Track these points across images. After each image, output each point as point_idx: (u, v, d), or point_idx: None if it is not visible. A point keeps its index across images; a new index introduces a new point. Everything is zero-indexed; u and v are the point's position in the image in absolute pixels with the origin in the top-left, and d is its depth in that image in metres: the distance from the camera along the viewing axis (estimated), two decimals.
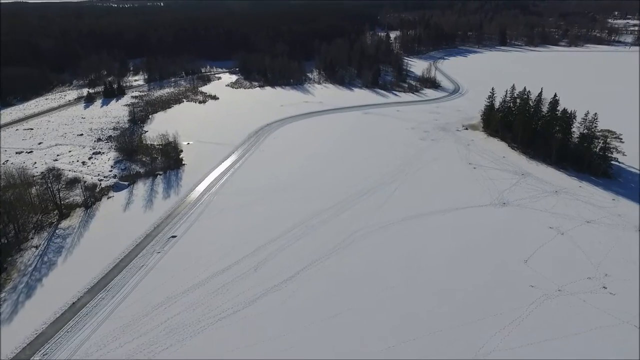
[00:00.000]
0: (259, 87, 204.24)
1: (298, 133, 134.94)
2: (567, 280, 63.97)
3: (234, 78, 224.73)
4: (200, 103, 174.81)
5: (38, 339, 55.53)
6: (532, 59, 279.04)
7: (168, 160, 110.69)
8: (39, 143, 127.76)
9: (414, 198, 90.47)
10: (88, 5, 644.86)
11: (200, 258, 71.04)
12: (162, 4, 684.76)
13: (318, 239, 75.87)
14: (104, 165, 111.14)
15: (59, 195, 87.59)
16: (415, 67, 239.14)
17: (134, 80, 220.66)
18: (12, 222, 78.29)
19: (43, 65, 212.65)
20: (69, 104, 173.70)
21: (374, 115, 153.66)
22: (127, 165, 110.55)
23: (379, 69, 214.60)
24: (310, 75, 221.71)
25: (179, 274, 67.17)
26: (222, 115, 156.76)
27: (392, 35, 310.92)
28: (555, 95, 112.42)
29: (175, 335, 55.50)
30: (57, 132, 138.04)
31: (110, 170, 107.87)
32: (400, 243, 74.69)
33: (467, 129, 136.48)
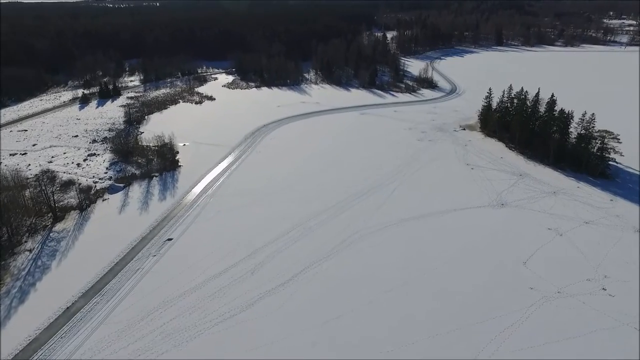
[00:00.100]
0: (256, 87, 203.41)
1: (295, 134, 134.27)
2: (566, 282, 63.63)
3: (231, 78, 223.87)
4: (197, 104, 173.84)
5: (31, 345, 54.56)
6: (528, 59, 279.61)
7: (164, 162, 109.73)
8: (33, 145, 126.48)
9: (412, 199, 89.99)
10: (84, 6, 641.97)
11: (197, 261, 70.22)
12: (158, 4, 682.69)
13: (316, 241, 75.24)
14: (99, 167, 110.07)
15: (53, 198, 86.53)
16: (412, 67, 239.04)
17: (130, 81, 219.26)
18: (5, 225, 77.15)
19: (38, 66, 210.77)
20: (64, 105, 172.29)
21: (371, 116, 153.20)
22: (122, 167, 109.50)
23: (376, 69, 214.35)
24: (307, 76, 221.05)
25: (175, 278, 66.35)
26: (218, 116, 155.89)
27: (388, 36, 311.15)
28: (553, 96, 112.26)
29: (171, 340, 54.69)
30: (51, 133, 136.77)
31: (106, 172, 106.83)
32: (399, 245, 74.17)
33: (464, 130, 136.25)
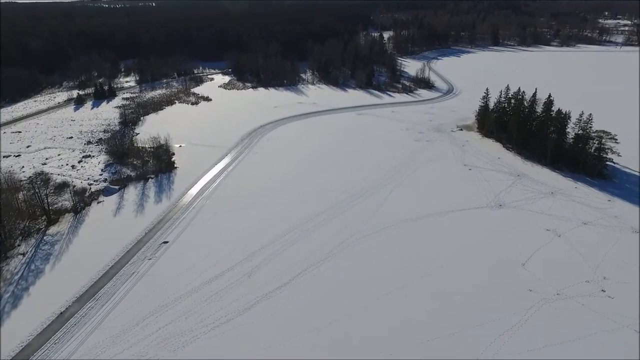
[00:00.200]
0: (252, 88, 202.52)
1: (292, 135, 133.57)
2: (565, 284, 63.27)
3: (227, 79, 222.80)
4: (193, 104, 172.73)
5: (24, 351, 53.60)
6: (524, 59, 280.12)
7: (160, 164, 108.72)
8: (27, 146, 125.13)
9: (410, 200, 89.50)
10: (79, 6, 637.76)
11: (193, 264, 69.40)
12: (154, 4, 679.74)
13: (313, 243, 74.57)
14: (94, 169, 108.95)
15: (47, 201, 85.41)
16: (409, 67, 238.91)
17: (125, 82, 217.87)
18: None
19: (32, 67, 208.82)
20: (59, 106, 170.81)
21: (369, 116, 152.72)
22: (117, 169, 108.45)
23: (373, 70, 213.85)
24: (304, 76, 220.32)
25: (171, 281, 65.51)
26: (214, 117, 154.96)
27: (385, 36, 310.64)
28: (550, 96, 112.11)
29: (167, 346, 53.89)
30: (46, 135, 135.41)
31: (101, 174, 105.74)
32: (397, 246, 73.62)
33: (461, 130, 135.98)
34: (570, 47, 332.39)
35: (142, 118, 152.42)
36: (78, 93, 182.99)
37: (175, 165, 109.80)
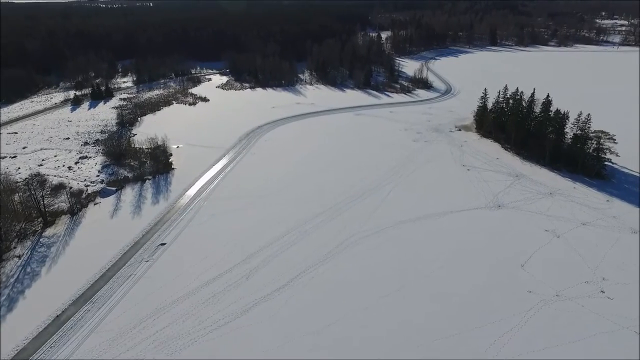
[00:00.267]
0: (250, 88, 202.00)
1: (290, 135, 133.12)
2: (564, 285, 63.05)
3: (225, 79, 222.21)
4: (190, 105, 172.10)
5: (19, 355, 53.04)
6: (522, 59, 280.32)
7: (157, 165, 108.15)
8: (24, 147, 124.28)
9: (409, 201, 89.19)
10: (76, 6, 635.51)
11: (191, 266, 68.91)
12: (151, 4, 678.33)
13: (311, 245, 74.17)
14: (91, 170, 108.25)
15: (43, 202, 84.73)
16: (407, 67, 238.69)
17: (123, 82, 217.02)
18: None
19: (28, 67, 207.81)
20: (55, 107, 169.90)
21: (367, 117, 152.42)
22: (114, 170, 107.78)
23: (371, 70, 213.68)
24: (302, 76, 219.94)
25: (169, 284, 65.02)
26: (212, 118, 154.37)
27: (383, 36, 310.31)
28: (548, 96, 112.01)
29: (165, 349, 53.40)
30: (42, 136, 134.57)
31: (97, 175, 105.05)
32: (396, 248, 73.28)
33: (460, 130, 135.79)
34: (568, 47, 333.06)
35: (139, 119, 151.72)
36: (75, 93, 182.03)
37: (173, 167, 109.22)
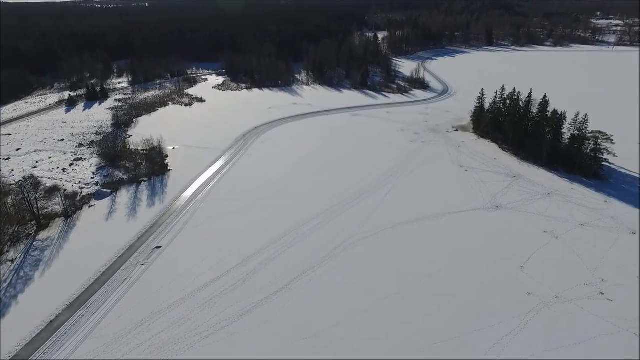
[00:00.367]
0: (247, 89, 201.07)
1: (287, 136, 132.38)
2: (563, 287, 62.67)
3: (221, 80, 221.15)
4: (186, 106, 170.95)
5: None
6: (519, 59, 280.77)
7: (153, 166, 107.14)
8: (17, 149, 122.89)
9: (407, 202, 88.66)
10: (71, 6, 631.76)
11: (187, 270, 68.08)
12: (147, 4, 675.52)
13: (309, 247, 73.48)
14: (86, 172, 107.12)
15: (37, 205, 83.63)
16: (404, 67, 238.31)
17: (118, 83, 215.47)
18: None
19: (23, 68, 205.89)
20: (50, 108, 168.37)
21: (364, 117, 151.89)
22: (109, 172, 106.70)
23: (368, 70, 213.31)
24: (299, 77, 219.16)
25: (164, 288, 64.16)
26: (208, 119, 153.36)
27: (379, 36, 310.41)
28: (545, 96, 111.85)
29: (160, 354, 52.55)
30: (36, 137, 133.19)
31: (92, 177, 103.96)
32: (394, 249, 72.71)
33: (457, 131, 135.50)
34: (564, 47, 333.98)
35: (134, 120, 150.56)
36: (69, 94, 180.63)
37: (169, 168, 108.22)
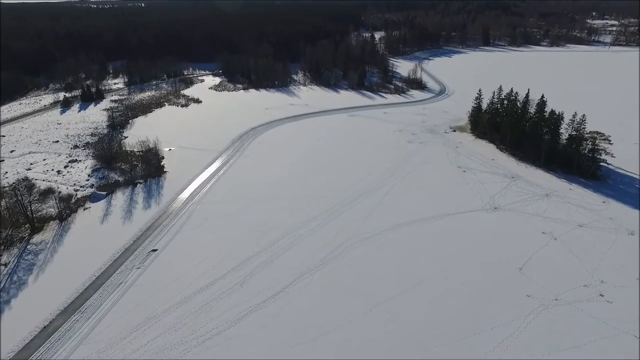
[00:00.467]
0: (243, 89, 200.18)
1: (284, 137, 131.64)
2: (563, 289, 62.28)
3: (218, 80, 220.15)
4: (183, 107, 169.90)
5: None
6: (515, 59, 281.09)
7: (149, 168, 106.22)
8: (11, 151, 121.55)
9: (404, 204, 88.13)
10: (66, 7, 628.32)
11: (183, 273, 67.26)
12: (143, 4, 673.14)
13: (306, 250, 72.81)
14: (81, 174, 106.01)
15: (31, 208, 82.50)
16: (401, 67, 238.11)
17: (114, 84, 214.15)
18: None
19: (17, 68, 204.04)
20: (45, 109, 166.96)
21: (361, 118, 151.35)
22: (105, 174, 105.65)
23: (365, 70, 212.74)
24: (296, 77, 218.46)
25: (160, 292, 63.33)
26: (205, 119, 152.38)
27: (376, 36, 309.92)
28: (543, 97, 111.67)
29: None
30: (30, 139, 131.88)
31: (87, 179, 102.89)
32: (392, 252, 72.14)
33: (454, 131, 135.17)
34: (560, 47, 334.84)
35: (130, 121, 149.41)
36: (65, 95, 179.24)
37: (165, 170, 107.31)
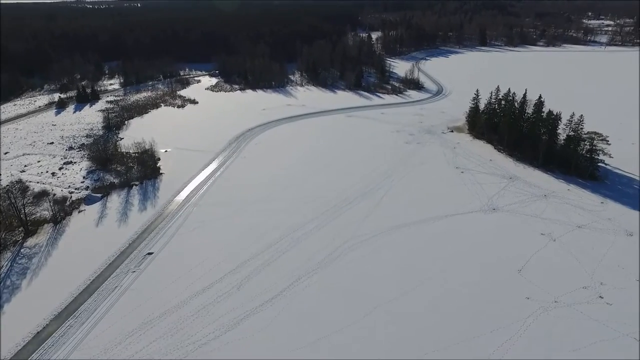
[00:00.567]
0: (240, 90, 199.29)
1: (281, 138, 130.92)
2: (562, 291, 61.90)
3: (214, 81, 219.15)
4: (179, 107, 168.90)
5: None
6: (512, 59, 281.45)
7: (144, 170, 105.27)
8: (5, 153, 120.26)
9: (403, 205, 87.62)
10: (61, 7, 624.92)
11: (179, 277, 66.44)
12: (139, 5, 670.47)
13: (304, 253, 72.14)
14: (76, 176, 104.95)
15: (25, 211, 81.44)
16: (398, 68, 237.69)
17: (109, 84, 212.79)
18: None
19: (12, 69, 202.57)
20: (39, 110, 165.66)
21: (358, 118, 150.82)
22: (100, 176, 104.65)
23: (362, 71, 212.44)
24: (292, 78, 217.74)
25: (156, 296, 62.53)
26: (201, 120, 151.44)
27: (373, 36, 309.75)
28: (540, 97, 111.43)
29: None
30: (25, 140, 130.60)
31: (82, 182, 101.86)
32: (391, 254, 71.58)
33: (452, 132, 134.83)
34: (556, 47, 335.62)
35: (126, 122, 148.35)
36: (60, 96, 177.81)
37: (161, 171, 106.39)
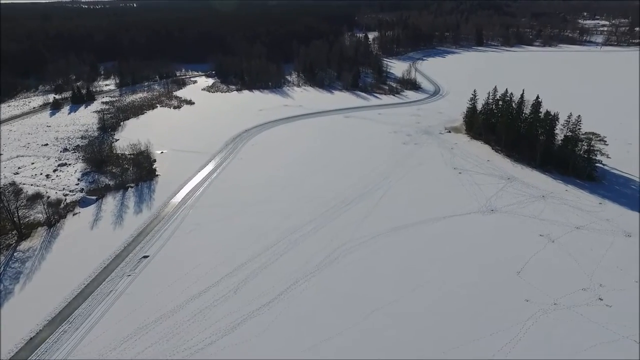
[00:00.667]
0: (237, 90, 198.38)
1: (278, 139, 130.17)
2: (562, 293, 61.52)
3: (211, 81, 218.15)
4: (175, 108, 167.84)
5: None
6: (509, 59, 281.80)
7: (140, 171, 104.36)
8: None
9: (401, 207, 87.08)
10: (56, 7, 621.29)
11: (175, 280, 65.61)
12: (135, 5, 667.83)
13: (302, 255, 71.47)
14: (70, 178, 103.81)
15: (18, 214, 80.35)
16: (395, 68, 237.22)
17: (105, 85, 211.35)
18: None
19: (6, 70, 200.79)
20: (34, 111, 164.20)
21: (355, 119, 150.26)
22: (95, 178, 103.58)
23: (359, 71, 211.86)
24: (289, 78, 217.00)
25: (152, 300, 61.69)
26: (197, 121, 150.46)
27: (370, 37, 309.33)
28: (538, 97, 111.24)
29: None
30: (19, 142, 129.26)
31: (77, 184, 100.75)
32: (389, 256, 70.99)
33: (449, 132, 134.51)
34: (552, 47, 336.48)
35: (122, 123, 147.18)
36: (54, 97, 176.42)
37: (157, 173, 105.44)
